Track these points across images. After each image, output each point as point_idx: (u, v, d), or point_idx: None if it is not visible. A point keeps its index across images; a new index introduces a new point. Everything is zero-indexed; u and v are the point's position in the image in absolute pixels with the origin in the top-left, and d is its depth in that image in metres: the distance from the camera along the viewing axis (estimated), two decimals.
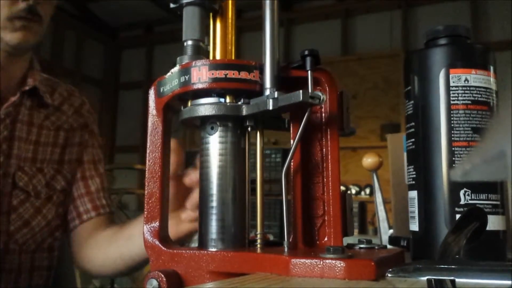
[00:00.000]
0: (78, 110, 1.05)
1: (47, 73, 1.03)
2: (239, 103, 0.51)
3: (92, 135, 1.06)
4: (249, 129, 0.52)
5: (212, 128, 0.52)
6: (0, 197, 0.90)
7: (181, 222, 0.68)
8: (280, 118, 0.55)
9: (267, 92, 0.50)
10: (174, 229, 0.65)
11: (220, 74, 0.49)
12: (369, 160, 0.89)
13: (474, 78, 0.53)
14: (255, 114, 0.50)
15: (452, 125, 0.52)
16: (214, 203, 0.51)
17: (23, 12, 0.87)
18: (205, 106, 0.51)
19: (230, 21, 0.56)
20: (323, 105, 0.53)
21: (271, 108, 0.48)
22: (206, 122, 0.52)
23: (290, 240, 0.50)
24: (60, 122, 1.00)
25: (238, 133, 0.52)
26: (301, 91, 0.46)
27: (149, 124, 0.54)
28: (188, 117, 0.52)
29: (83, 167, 1.02)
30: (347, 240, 0.53)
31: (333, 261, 0.41)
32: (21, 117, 0.93)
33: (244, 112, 0.50)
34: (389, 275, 0.34)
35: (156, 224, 0.51)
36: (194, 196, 0.64)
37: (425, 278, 0.33)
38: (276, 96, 0.48)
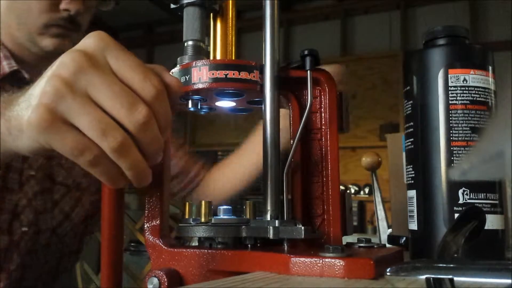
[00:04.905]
0: None
1: None
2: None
3: None
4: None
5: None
6: (43, 195, 0.89)
7: None
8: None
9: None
10: None
11: (220, 74, 0.50)
12: (368, 159, 0.90)
13: (473, 78, 0.53)
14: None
15: (451, 125, 0.53)
16: None
17: (62, 21, 0.85)
18: (204, 227, 0.49)
19: (230, 21, 0.56)
20: (323, 105, 0.53)
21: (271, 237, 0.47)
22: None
23: None
24: None
25: None
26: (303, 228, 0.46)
27: None
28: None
29: None
30: (346, 239, 0.53)
31: (333, 260, 0.41)
32: None
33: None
34: (388, 273, 0.34)
35: (156, 223, 0.51)
36: None
37: (423, 277, 0.33)
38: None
